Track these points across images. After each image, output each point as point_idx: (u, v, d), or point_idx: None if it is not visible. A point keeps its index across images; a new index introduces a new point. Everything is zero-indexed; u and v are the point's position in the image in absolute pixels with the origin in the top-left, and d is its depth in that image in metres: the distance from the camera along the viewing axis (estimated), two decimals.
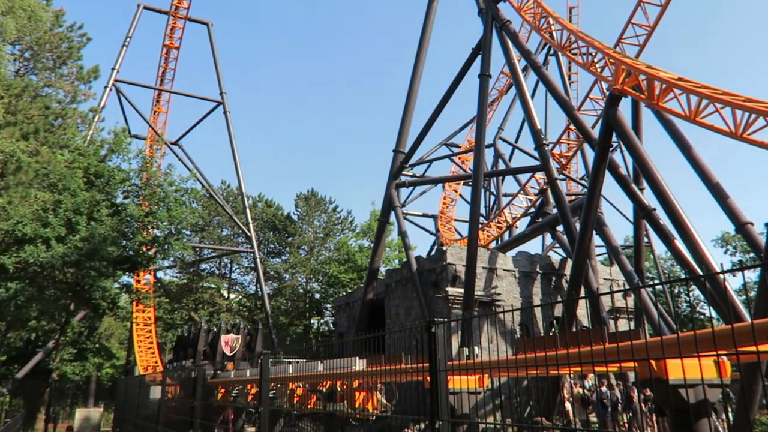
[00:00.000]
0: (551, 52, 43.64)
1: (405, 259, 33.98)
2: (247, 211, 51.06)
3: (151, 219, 26.87)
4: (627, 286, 28.97)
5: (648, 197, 22.94)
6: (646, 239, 35.04)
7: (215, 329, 30.17)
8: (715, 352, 5.71)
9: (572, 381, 21.82)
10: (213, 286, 62.04)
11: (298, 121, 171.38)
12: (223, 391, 25.67)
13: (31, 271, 24.47)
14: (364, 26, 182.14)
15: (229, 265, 64.92)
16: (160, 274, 54.08)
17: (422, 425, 24.33)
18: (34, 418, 31.13)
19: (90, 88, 31.71)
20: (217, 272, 63.93)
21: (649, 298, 25.03)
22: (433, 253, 43.70)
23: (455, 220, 49.00)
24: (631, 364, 8.60)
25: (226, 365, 29.03)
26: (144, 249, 27.61)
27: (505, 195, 46.88)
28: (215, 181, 66.13)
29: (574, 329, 23.94)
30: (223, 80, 52.58)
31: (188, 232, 52.68)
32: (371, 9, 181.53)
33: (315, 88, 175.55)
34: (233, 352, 28.22)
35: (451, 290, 28.02)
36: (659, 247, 47.46)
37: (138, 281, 46.54)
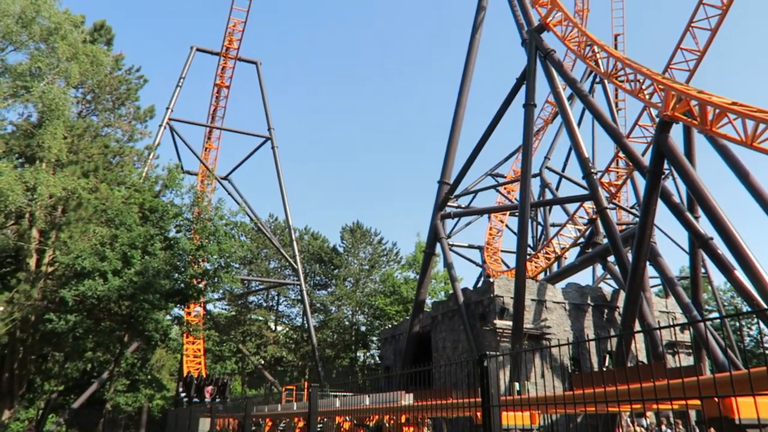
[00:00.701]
0: (597, 80, 43.17)
1: (451, 291, 33.61)
2: (294, 243, 51.70)
3: (202, 252, 27.52)
4: (684, 319, 27.79)
5: (704, 226, 22.13)
6: (703, 270, 33.68)
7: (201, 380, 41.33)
8: None
9: (629, 419, 20.89)
10: (260, 318, 62.69)
11: (344, 154, 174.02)
12: (270, 423, 25.68)
13: (89, 303, 25.31)
14: (409, 57, 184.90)
15: (276, 298, 65.62)
16: (209, 306, 55.10)
17: None
18: None
19: (146, 126, 33.15)
20: (264, 305, 64.66)
21: (709, 332, 23.91)
22: (479, 284, 43.12)
23: (502, 251, 48.32)
24: (696, 402, 8.13)
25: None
26: (195, 282, 28.24)
27: (553, 225, 46.03)
28: (263, 215, 67.49)
29: (629, 364, 23.02)
30: (271, 116, 54.01)
31: (237, 265, 53.61)
32: (416, 40, 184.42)
33: (360, 120, 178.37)
34: (213, 397, 38.79)
35: (499, 323, 27.47)
36: (718, 278, 45.51)
37: (188, 313, 47.48)
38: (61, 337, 25.41)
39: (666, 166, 22.54)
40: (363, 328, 60.11)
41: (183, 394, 41.99)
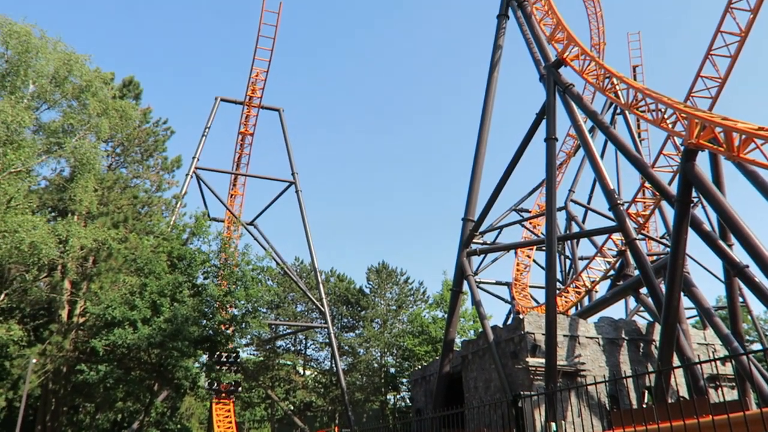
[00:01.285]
0: (618, 111, 43.11)
1: (481, 330, 33.07)
2: (320, 286, 51.70)
3: (229, 298, 27.69)
4: (725, 351, 26.83)
5: (738, 253, 21.57)
6: (741, 299, 32.67)
7: None
8: None
9: None
10: (289, 363, 62.30)
11: (367, 195, 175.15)
12: None
13: (119, 353, 25.51)
14: (429, 97, 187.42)
15: (304, 342, 65.28)
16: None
17: None
18: None
19: (173, 176, 34.03)
20: (292, 349, 64.33)
21: (753, 364, 23.00)
22: (509, 322, 42.41)
23: (530, 286, 47.62)
24: None
25: None
26: (223, 328, 28.34)
27: (582, 258, 45.34)
28: (289, 258, 67.83)
29: (670, 400, 22.18)
30: (294, 161, 54.84)
31: (264, 310, 53.73)
32: (436, 80, 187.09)
33: (382, 160, 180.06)
34: None
35: (531, 361, 26.83)
36: (757, 307, 44.06)
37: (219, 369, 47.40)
38: (92, 387, 25.54)
39: (694, 194, 22.17)
40: (392, 370, 59.24)
41: None
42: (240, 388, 48.39)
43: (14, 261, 22.51)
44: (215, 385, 34.97)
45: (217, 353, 34.40)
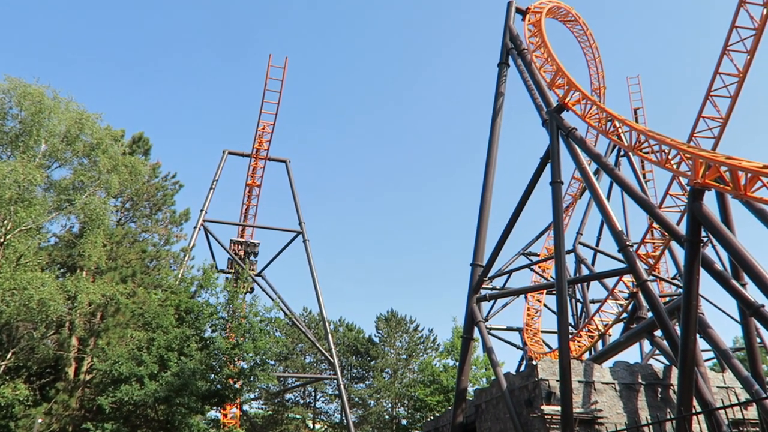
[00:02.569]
0: (622, 153, 43.39)
1: (493, 377, 32.39)
2: (329, 336, 51.10)
3: (237, 351, 27.36)
4: (746, 395, 26.04)
5: (752, 293, 21.23)
6: (758, 339, 31.97)
7: None
8: None
9: None
10: (298, 416, 60.99)
11: (375, 245, 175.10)
12: None
13: (126, 410, 25.07)
14: (433, 141, 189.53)
15: (313, 394, 64.07)
16: (245, 406, 53.95)
17: None
18: None
19: (181, 229, 34.24)
20: (301, 402, 63.11)
21: None
22: (522, 368, 41.57)
23: (542, 331, 46.88)
24: None
25: None
26: (231, 381, 27.89)
27: (593, 301, 44.78)
28: (297, 309, 67.31)
29: None
30: (301, 211, 55.18)
31: (273, 362, 52.97)
32: (437, 122, 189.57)
33: (388, 211, 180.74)
34: None
35: (546, 408, 26.14)
36: None
37: (225, 415, 46.50)
38: None
39: (704, 233, 22.01)
40: (404, 422, 57.81)
41: None
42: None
43: (22, 319, 22.46)
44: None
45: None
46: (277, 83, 54.25)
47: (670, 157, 22.36)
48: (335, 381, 51.85)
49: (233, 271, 54.12)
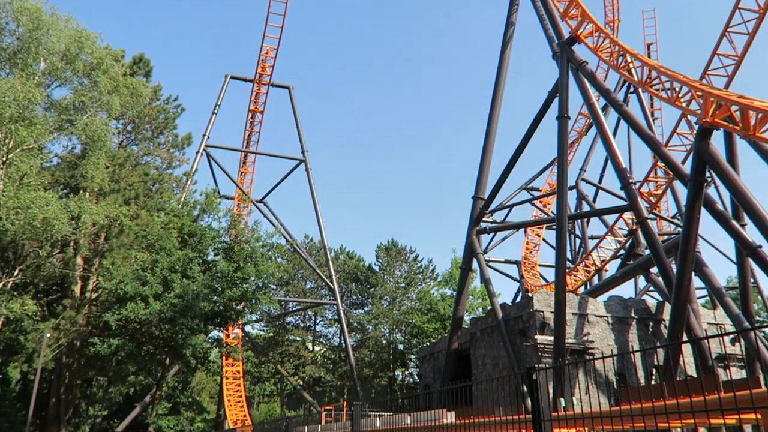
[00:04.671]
0: (631, 89, 42.54)
1: (489, 307, 33.18)
2: (330, 263, 51.95)
3: (239, 274, 27.88)
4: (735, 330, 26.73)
5: (751, 233, 21.40)
6: (752, 279, 32.49)
7: None
8: None
9: None
10: (298, 339, 62.95)
11: (377, 173, 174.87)
12: None
13: (131, 328, 25.87)
14: (440, 73, 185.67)
15: (313, 318, 65.87)
16: (247, 328, 55.63)
17: None
18: None
19: (184, 154, 34.09)
20: (301, 325, 64.96)
21: (762, 342, 22.96)
22: (518, 300, 42.49)
23: (540, 265, 47.58)
24: (750, 416, 7.81)
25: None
26: (233, 304, 28.60)
27: (592, 237, 45.18)
28: (298, 236, 68.09)
29: (677, 378, 22.25)
30: (304, 139, 54.76)
31: (274, 287, 54.14)
32: (445, 56, 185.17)
33: (392, 139, 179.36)
34: None
35: (540, 338, 26.95)
36: None
37: (227, 335, 48.01)
38: (104, 361, 25.95)
39: (707, 173, 21.93)
40: (401, 347, 59.76)
41: None
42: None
43: (27, 237, 22.76)
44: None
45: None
46: (280, 5, 52.54)
47: (680, 94, 21.96)
48: (335, 306, 53.18)
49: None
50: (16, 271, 24.75)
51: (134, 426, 35.75)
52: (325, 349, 64.86)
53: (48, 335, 24.29)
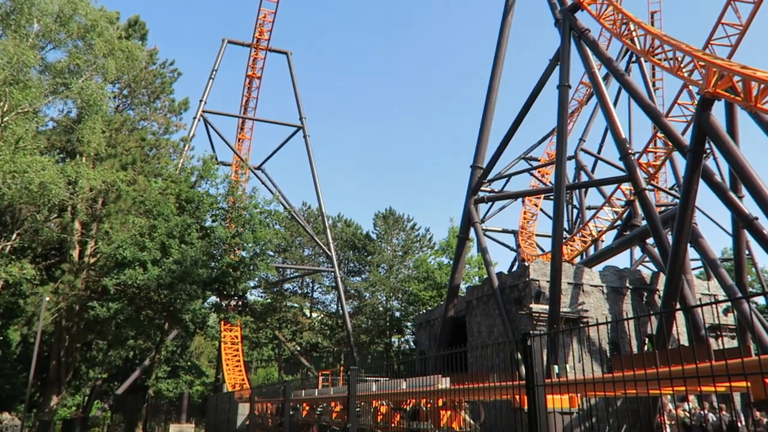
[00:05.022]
0: (633, 59, 42.07)
1: (486, 276, 33.42)
2: (328, 231, 52.07)
3: (237, 240, 27.95)
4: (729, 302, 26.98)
5: (748, 205, 21.44)
6: (747, 251, 32.70)
7: None
8: None
9: (669, 403, 20.50)
10: (296, 305, 63.54)
11: (375, 141, 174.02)
12: (307, 408, 26.05)
13: (130, 292, 26.04)
14: (438, 42, 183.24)
15: (311, 285, 66.35)
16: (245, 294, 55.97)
17: None
18: None
19: (181, 119, 33.79)
20: (299, 292, 65.47)
21: (755, 313, 23.25)
22: (514, 269, 42.76)
23: (537, 235, 47.76)
24: (741, 385, 7.95)
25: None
26: (231, 270, 28.74)
27: (589, 208, 45.24)
28: (296, 203, 68.11)
29: (670, 347, 22.55)
30: (302, 105, 54.26)
31: (272, 253, 54.36)
32: (444, 24, 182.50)
33: (392, 107, 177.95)
34: None
35: (535, 307, 27.22)
36: (762, 259, 44.08)
37: (228, 306, 48.38)
38: (104, 324, 26.20)
39: (707, 145, 21.87)
40: (397, 314, 60.37)
41: None
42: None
43: (25, 201, 22.72)
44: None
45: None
46: None
47: (682, 64, 21.73)
48: (332, 273, 53.51)
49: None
50: (14, 236, 24.78)
51: (134, 388, 36.34)
52: (322, 315, 65.52)
53: (47, 299, 24.45)
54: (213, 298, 32.05)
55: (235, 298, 47.78)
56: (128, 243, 25.14)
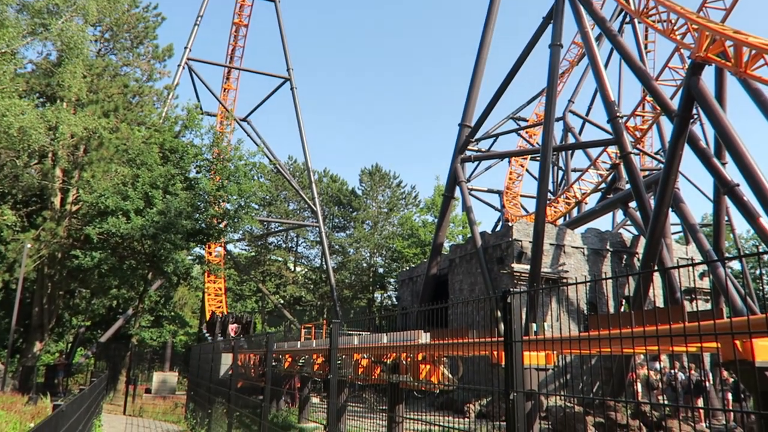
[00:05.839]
0: (626, 20, 41.54)
1: (469, 235, 33.69)
2: (313, 185, 51.88)
3: (222, 193, 27.75)
4: (705, 267, 27.56)
5: (731, 172, 21.66)
6: (726, 217, 33.22)
7: (225, 318, 41.51)
8: None
9: (641, 362, 21.15)
10: (280, 259, 63.79)
11: (364, 97, 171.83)
12: (290, 359, 26.45)
13: (113, 242, 25.89)
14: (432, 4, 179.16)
15: (295, 239, 66.51)
16: (230, 246, 56.06)
17: (485, 401, 24.30)
18: (116, 379, 33.26)
19: (165, 66, 32.93)
20: (283, 246, 65.63)
21: (728, 277, 23.79)
22: (498, 229, 43.13)
23: (521, 195, 48.02)
24: (713, 346, 8.20)
25: None
26: (215, 222, 28.62)
27: (575, 170, 45.45)
28: (282, 157, 67.56)
29: (646, 308, 23.10)
30: (290, 56, 53.12)
31: (257, 206, 54.20)
32: None
33: (380, 63, 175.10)
34: (237, 334, 38.69)
35: (516, 266, 27.60)
36: (740, 226, 44.94)
37: (209, 253, 48.40)
38: (86, 273, 26.13)
39: (695, 110, 21.90)
40: (381, 270, 60.95)
41: (206, 334, 42.03)
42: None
43: (4, 146, 22.23)
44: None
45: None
46: None
47: (676, 27, 21.55)
48: (317, 228, 53.58)
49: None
50: None
51: (118, 337, 36.56)
52: (306, 269, 65.93)
53: (29, 246, 24.24)
54: (198, 250, 32.03)
55: (219, 248, 47.82)
56: (111, 192, 24.83)
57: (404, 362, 14.00)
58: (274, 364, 11.95)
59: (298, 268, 65.88)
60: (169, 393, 33.31)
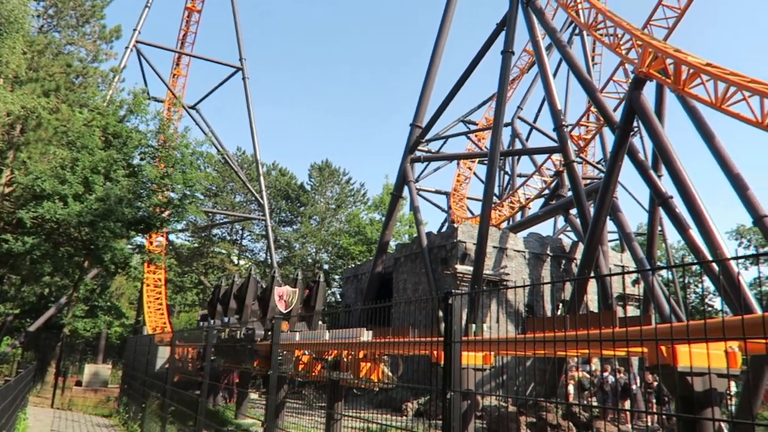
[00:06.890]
0: (576, 31, 42.86)
1: (415, 235, 34.05)
2: (261, 178, 51.15)
3: (166, 181, 27.01)
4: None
5: (666, 184, 22.70)
6: (659, 227, 34.77)
7: (268, 280, 23.71)
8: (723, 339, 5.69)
9: (575, 365, 21.95)
10: (223, 251, 62.62)
11: (317, 93, 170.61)
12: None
13: (48, 227, 24.80)
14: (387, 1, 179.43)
15: (240, 232, 65.45)
16: (172, 237, 54.62)
17: (422, 400, 24.64)
18: (45, 371, 31.91)
19: (111, 48, 31.73)
20: (228, 238, 64.49)
21: (659, 285, 24.95)
22: (444, 229, 43.73)
23: (468, 198, 48.85)
24: (639, 350, 8.64)
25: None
26: (158, 211, 27.83)
27: (520, 175, 46.58)
28: (231, 147, 66.24)
29: (580, 313, 23.97)
30: (243, 46, 52.20)
31: (202, 196, 53.02)
32: None
33: (336, 59, 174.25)
34: (289, 309, 21.44)
35: (460, 268, 28.08)
36: (672, 236, 47.12)
37: (150, 243, 47.02)
38: (17, 259, 24.94)
39: (635, 123, 22.83)
40: (326, 267, 60.75)
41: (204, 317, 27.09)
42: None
43: None
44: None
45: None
46: None
47: (622, 41, 22.39)
48: (263, 222, 52.89)
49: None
50: None
51: (48, 326, 35.07)
52: (250, 263, 64.96)
53: None
54: (138, 239, 31.03)
55: (160, 238, 46.49)
56: (48, 175, 23.77)
57: (345, 360, 14.06)
58: (213, 358, 11.75)
59: (242, 262, 64.86)
60: (102, 386, 32.26)
